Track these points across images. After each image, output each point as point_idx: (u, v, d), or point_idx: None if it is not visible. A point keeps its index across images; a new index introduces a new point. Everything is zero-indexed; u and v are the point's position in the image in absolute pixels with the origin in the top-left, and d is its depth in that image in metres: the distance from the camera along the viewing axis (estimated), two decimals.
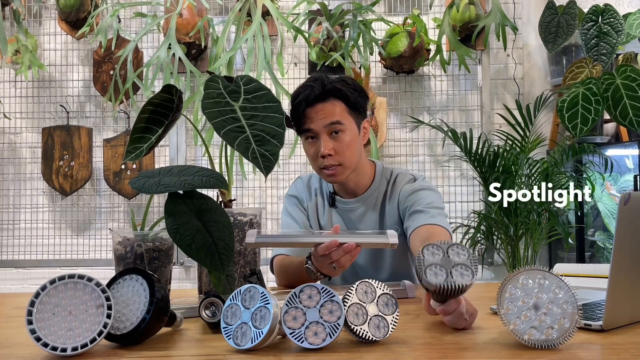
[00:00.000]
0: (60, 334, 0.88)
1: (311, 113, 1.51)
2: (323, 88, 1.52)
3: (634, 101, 2.53)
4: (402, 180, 1.63)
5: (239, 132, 1.07)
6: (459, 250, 0.95)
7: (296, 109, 1.53)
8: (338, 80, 1.55)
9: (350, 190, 1.64)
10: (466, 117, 3.20)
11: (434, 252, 0.94)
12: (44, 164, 3.14)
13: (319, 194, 1.70)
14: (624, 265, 0.97)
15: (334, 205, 1.66)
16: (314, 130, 1.51)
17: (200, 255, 0.99)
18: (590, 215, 3.00)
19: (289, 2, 3.14)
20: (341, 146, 1.52)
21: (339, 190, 1.66)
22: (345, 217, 1.66)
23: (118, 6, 2.93)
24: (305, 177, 1.75)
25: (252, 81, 1.17)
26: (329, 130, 1.51)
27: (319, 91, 1.51)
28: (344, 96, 1.53)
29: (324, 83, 1.53)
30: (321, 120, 1.50)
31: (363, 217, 1.64)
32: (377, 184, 1.64)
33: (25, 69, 2.98)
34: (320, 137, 1.51)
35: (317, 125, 1.51)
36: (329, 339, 0.88)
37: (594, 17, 2.84)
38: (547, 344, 0.85)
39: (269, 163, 1.06)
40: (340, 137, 1.52)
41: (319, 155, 1.51)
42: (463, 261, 0.94)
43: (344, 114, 1.53)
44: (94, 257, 3.21)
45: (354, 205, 1.64)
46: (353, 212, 1.64)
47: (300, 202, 1.70)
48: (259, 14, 2.67)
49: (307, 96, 1.51)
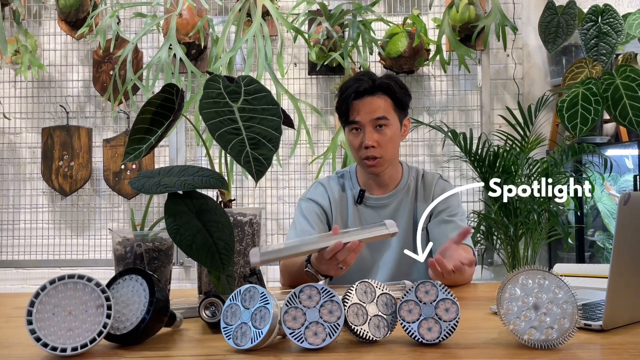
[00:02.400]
0: (60, 334, 0.88)
1: (358, 105, 1.58)
2: (372, 82, 1.59)
3: (634, 101, 2.53)
4: (431, 177, 1.72)
5: (234, 135, 1.06)
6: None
7: (344, 101, 1.60)
8: (387, 76, 1.63)
9: (384, 183, 1.69)
10: (466, 117, 3.20)
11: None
12: (43, 164, 3.14)
13: (342, 195, 1.72)
14: (624, 265, 0.97)
15: (361, 203, 1.68)
16: (360, 123, 1.59)
17: (201, 256, 0.99)
18: (590, 215, 3.00)
19: (289, 2, 3.14)
20: (384, 140, 1.59)
21: (371, 185, 1.70)
22: (378, 213, 1.68)
23: (117, 6, 2.93)
24: (324, 180, 1.76)
25: (253, 82, 1.16)
26: (375, 123, 1.58)
27: (368, 85, 1.58)
28: (391, 92, 1.60)
29: (373, 78, 1.60)
30: (368, 113, 1.58)
31: (396, 211, 1.68)
32: (406, 179, 1.71)
33: (25, 69, 2.98)
34: (365, 129, 1.58)
35: (364, 118, 1.58)
36: (329, 339, 0.88)
37: (594, 17, 2.84)
38: (547, 344, 0.85)
39: (261, 167, 1.05)
40: (384, 131, 1.59)
41: (363, 146, 1.58)
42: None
43: (389, 110, 1.60)
44: (94, 257, 3.21)
45: (387, 201, 1.69)
46: (386, 208, 1.68)
47: (321, 206, 1.70)
48: (259, 14, 2.67)
49: (357, 88, 1.58)
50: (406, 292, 0.93)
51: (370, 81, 1.59)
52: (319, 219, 1.69)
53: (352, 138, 1.62)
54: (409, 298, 0.93)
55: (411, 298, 0.93)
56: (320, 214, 1.69)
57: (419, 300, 0.92)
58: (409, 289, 0.94)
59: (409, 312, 0.92)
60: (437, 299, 0.92)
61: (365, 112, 1.58)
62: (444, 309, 0.91)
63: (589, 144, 2.68)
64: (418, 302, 0.92)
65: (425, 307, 0.92)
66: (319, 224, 1.68)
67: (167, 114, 1.16)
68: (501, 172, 2.68)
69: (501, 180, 2.65)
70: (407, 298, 0.93)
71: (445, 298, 0.92)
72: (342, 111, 1.62)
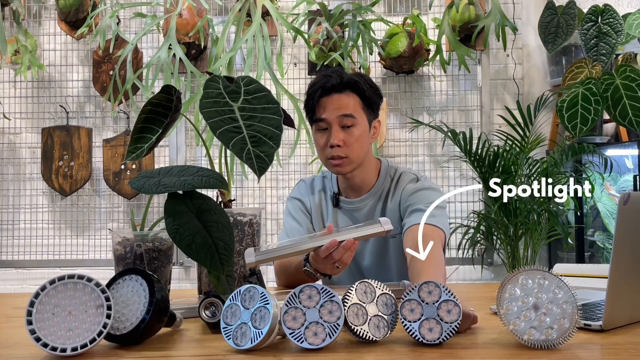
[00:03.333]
0: (60, 334, 0.88)
1: (326, 102, 1.53)
2: (341, 79, 1.54)
3: (634, 101, 2.53)
4: (405, 179, 1.63)
5: (235, 133, 1.07)
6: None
7: (311, 97, 1.55)
8: (356, 74, 1.58)
9: (356, 186, 1.64)
10: (466, 117, 3.20)
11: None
12: (43, 164, 3.14)
13: (322, 195, 1.69)
14: (624, 265, 0.97)
15: (337, 205, 1.66)
16: (326, 120, 1.53)
17: (200, 256, 0.99)
18: (589, 215, 3.00)
19: (289, 3, 3.14)
20: (350, 139, 1.53)
21: (345, 189, 1.66)
22: (352, 217, 1.65)
23: (117, 6, 2.93)
24: (307, 179, 1.75)
25: (253, 82, 1.16)
26: (341, 122, 1.53)
27: (336, 81, 1.53)
28: (360, 90, 1.55)
29: (341, 75, 1.55)
30: (335, 110, 1.53)
31: (369, 215, 1.63)
32: (382, 181, 1.64)
33: (25, 69, 2.98)
34: (332, 127, 1.53)
35: (330, 115, 1.53)
36: (329, 339, 0.88)
37: (594, 17, 2.84)
38: (546, 344, 0.85)
39: (263, 164, 1.06)
40: (351, 130, 1.54)
41: (328, 145, 1.53)
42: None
43: (358, 108, 1.55)
44: (94, 258, 3.21)
45: (360, 204, 1.64)
46: (359, 212, 1.64)
47: (304, 204, 1.69)
48: (259, 15, 2.67)
49: (324, 84, 1.53)
50: (408, 291, 0.93)
51: (339, 78, 1.54)
52: (305, 216, 1.68)
53: (318, 137, 1.56)
54: (411, 297, 0.93)
55: (413, 297, 0.93)
56: (304, 210, 1.69)
57: (422, 300, 0.92)
58: (411, 288, 0.93)
59: (410, 312, 0.92)
60: (439, 300, 0.92)
61: (332, 109, 1.52)
62: (446, 310, 0.91)
63: (589, 144, 2.68)
64: (420, 301, 0.92)
65: (428, 307, 0.92)
66: (305, 221, 1.67)
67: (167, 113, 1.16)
68: (501, 172, 2.68)
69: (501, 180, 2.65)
70: (409, 297, 0.93)
71: (447, 299, 0.92)
72: (308, 108, 1.56)
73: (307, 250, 1.20)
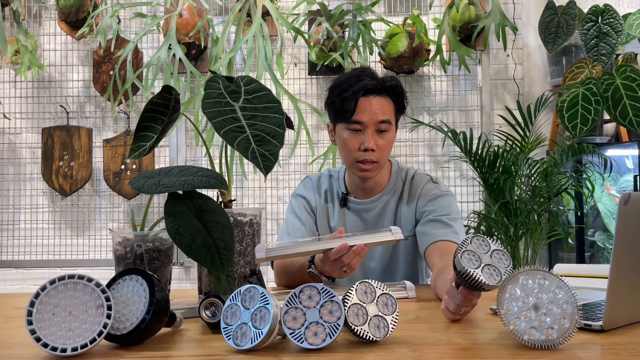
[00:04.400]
0: (60, 334, 0.88)
1: (365, 104, 1.49)
2: (382, 82, 1.50)
3: (634, 101, 2.53)
4: (419, 181, 1.61)
5: (238, 132, 1.07)
6: (501, 256, 0.97)
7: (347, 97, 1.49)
8: (393, 78, 1.54)
9: (369, 188, 1.61)
10: (466, 117, 3.20)
11: (481, 244, 0.97)
12: (43, 165, 3.14)
13: (329, 194, 1.67)
14: (624, 265, 0.97)
15: (345, 205, 1.64)
16: (363, 123, 1.49)
17: (200, 256, 0.99)
18: (590, 215, 3.00)
19: (289, 3, 3.14)
20: (384, 144, 1.51)
21: (354, 189, 1.64)
22: (360, 218, 1.63)
23: (118, 6, 2.93)
24: (314, 177, 1.72)
25: (253, 82, 1.16)
26: (378, 126, 1.50)
27: (379, 84, 1.50)
28: (397, 95, 1.52)
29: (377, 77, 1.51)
30: (374, 114, 1.49)
31: (380, 217, 1.61)
32: (393, 184, 1.63)
33: (25, 69, 2.98)
34: (367, 130, 1.49)
35: (369, 119, 1.49)
36: (329, 339, 0.88)
37: (594, 18, 2.84)
38: (547, 344, 0.85)
39: (268, 163, 1.06)
40: (385, 135, 1.51)
41: (362, 148, 1.49)
42: (498, 266, 0.96)
43: (392, 114, 1.53)
44: (94, 258, 3.21)
45: (370, 205, 1.62)
46: (369, 212, 1.62)
47: (309, 202, 1.67)
48: (259, 15, 2.67)
49: (366, 85, 1.48)
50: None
51: (379, 80, 1.50)
52: (309, 215, 1.65)
53: (350, 138, 1.51)
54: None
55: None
56: (308, 209, 1.66)
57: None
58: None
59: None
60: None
61: (372, 113, 1.48)
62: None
63: (589, 144, 2.68)
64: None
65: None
66: (309, 221, 1.65)
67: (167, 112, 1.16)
68: (501, 172, 2.68)
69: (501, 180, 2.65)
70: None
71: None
72: (342, 108, 1.49)
73: (318, 251, 1.20)
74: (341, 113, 1.51)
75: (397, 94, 1.52)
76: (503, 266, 0.96)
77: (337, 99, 1.51)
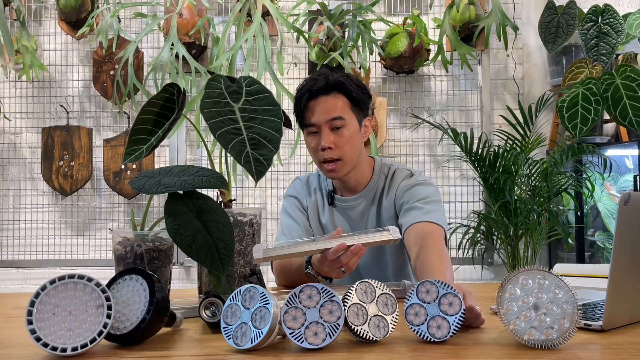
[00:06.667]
0: (60, 334, 0.88)
1: (314, 106, 1.54)
2: (326, 81, 1.54)
3: (634, 101, 2.53)
4: (399, 175, 1.64)
5: (234, 135, 1.07)
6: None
7: (299, 101, 1.56)
8: (342, 75, 1.58)
9: (351, 187, 1.64)
10: (466, 117, 3.20)
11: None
12: (43, 164, 3.14)
13: (318, 193, 1.70)
14: (624, 265, 0.97)
15: (332, 204, 1.67)
16: (316, 125, 1.53)
17: (200, 255, 0.99)
18: (590, 215, 3.00)
19: (289, 2, 3.14)
20: (341, 140, 1.53)
21: (339, 187, 1.66)
22: (346, 216, 1.65)
23: (118, 6, 2.93)
24: (303, 177, 1.75)
25: (255, 83, 1.16)
26: (331, 124, 1.53)
27: (322, 84, 1.54)
28: (346, 90, 1.54)
29: (327, 77, 1.55)
30: (323, 114, 1.53)
31: (364, 214, 1.64)
32: (376, 180, 1.65)
33: (27, 70, 2.98)
34: (322, 130, 1.53)
35: (319, 120, 1.53)
36: (329, 339, 0.88)
37: (594, 17, 2.84)
38: (547, 344, 0.86)
39: (261, 168, 1.06)
40: (341, 131, 1.54)
41: (320, 148, 1.53)
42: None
43: (346, 109, 1.55)
44: (94, 257, 3.21)
45: (354, 203, 1.64)
46: (353, 210, 1.64)
47: (300, 202, 1.70)
48: (259, 14, 2.67)
49: (310, 88, 1.53)
50: (408, 295, 0.94)
51: (325, 80, 1.54)
52: (301, 213, 1.68)
53: (309, 141, 1.57)
54: (412, 302, 0.93)
55: (414, 301, 0.93)
56: (300, 208, 1.69)
57: (422, 301, 0.93)
58: (409, 293, 0.94)
59: (415, 316, 0.92)
60: (438, 296, 0.92)
61: (320, 113, 1.52)
62: (448, 303, 0.92)
63: (588, 144, 2.68)
64: (421, 303, 0.93)
65: (430, 306, 0.92)
66: (302, 219, 1.68)
67: (168, 115, 1.16)
68: (501, 172, 2.68)
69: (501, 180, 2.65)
70: (410, 302, 0.93)
71: (446, 293, 0.93)
72: (297, 113, 1.57)
73: (316, 251, 1.20)
74: (299, 119, 1.58)
75: (346, 89, 1.54)
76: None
77: (297, 108, 1.58)
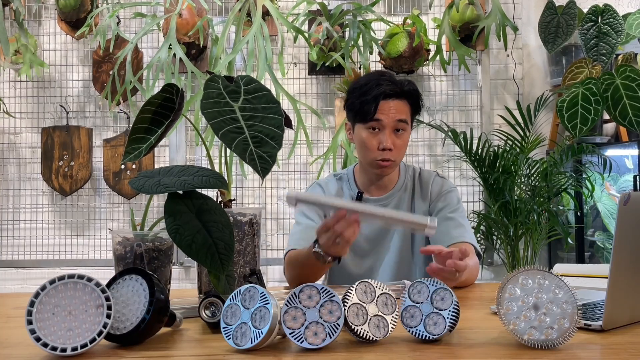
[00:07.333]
0: (60, 334, 0.88)
1: (384, 106, 1.59)
2: (401, 87, 1.61)
3: (634, 101, 2.53)
4: (428, 176, 1.74)
5: (237, 133, 1.07)
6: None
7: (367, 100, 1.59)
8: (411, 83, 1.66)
9: (383, 185, 1.71)
10: (466, 117, 3.20)
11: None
12: (43, 164, 3.14)
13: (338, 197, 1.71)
14: (624, 265, 0.97)
15: None
16: (382, 123, 1.59)
17: (200, 255, 0.99)
18: (590, 215, 3.00)
19: (289, 2, 3.14)
20: (400, 143, 1.62)
21: (368, 187, 1.71)
22: None
23: (117, 6, 2.93)
24: (322, 181, 1.77)
25: (253, 81, 1.16)
26: (395, 125, 1.60)
27: (398, 89, 1.60)
28: (414, 99, 1.63)
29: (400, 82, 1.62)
30: (393, 114, 1.59)
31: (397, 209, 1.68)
32: (404, 179, 1.73)
33: (27, 68, 2.98)
34: (385, 130, 1.59)
35: (388, 119, 1.59)
36: (329, 339, 0.88)
37: (594, 17, 2.84)
38: (546, 344, 0.86)
39: (266, 165, 1.06)
40: (402, 135, 1.62)
41: (380, 148, 1.59)
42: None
43: (409, 115, 1.64)
44: (94, 257, 3.21)
45: (386, 201, 1.70)
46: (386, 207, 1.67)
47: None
48: (259, 15, 2.67)
49: (384, 90, 1.59)
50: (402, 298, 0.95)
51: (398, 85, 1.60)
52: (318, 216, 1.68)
53: (369, 137, 1.60)
54: (407, 304, 0.94)
55: (408, 304, 0.94)
56: (319, 214, 1.68)
57: (415, 302, 0.93)
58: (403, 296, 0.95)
59: (411, 318, 0.93)
60: (430, 293, 0.93)
61: (391, 113, 1.59)
62: (440, 299, 0.93)
63: (588, 144, 2.68)
64: (414, 304, 0.93)
65: (423, 305, 0.93)
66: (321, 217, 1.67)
67: (167, 114, 1.16)
68: (501, 172, 2.68)
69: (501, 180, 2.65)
70: (405, 305, 0.94)
71: (436, 289, 0.94)
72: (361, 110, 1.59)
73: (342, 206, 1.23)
74: (361, 114, 1.61)
75: (414, 97, 1.63)
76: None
77: (357, 102, 1.61)
